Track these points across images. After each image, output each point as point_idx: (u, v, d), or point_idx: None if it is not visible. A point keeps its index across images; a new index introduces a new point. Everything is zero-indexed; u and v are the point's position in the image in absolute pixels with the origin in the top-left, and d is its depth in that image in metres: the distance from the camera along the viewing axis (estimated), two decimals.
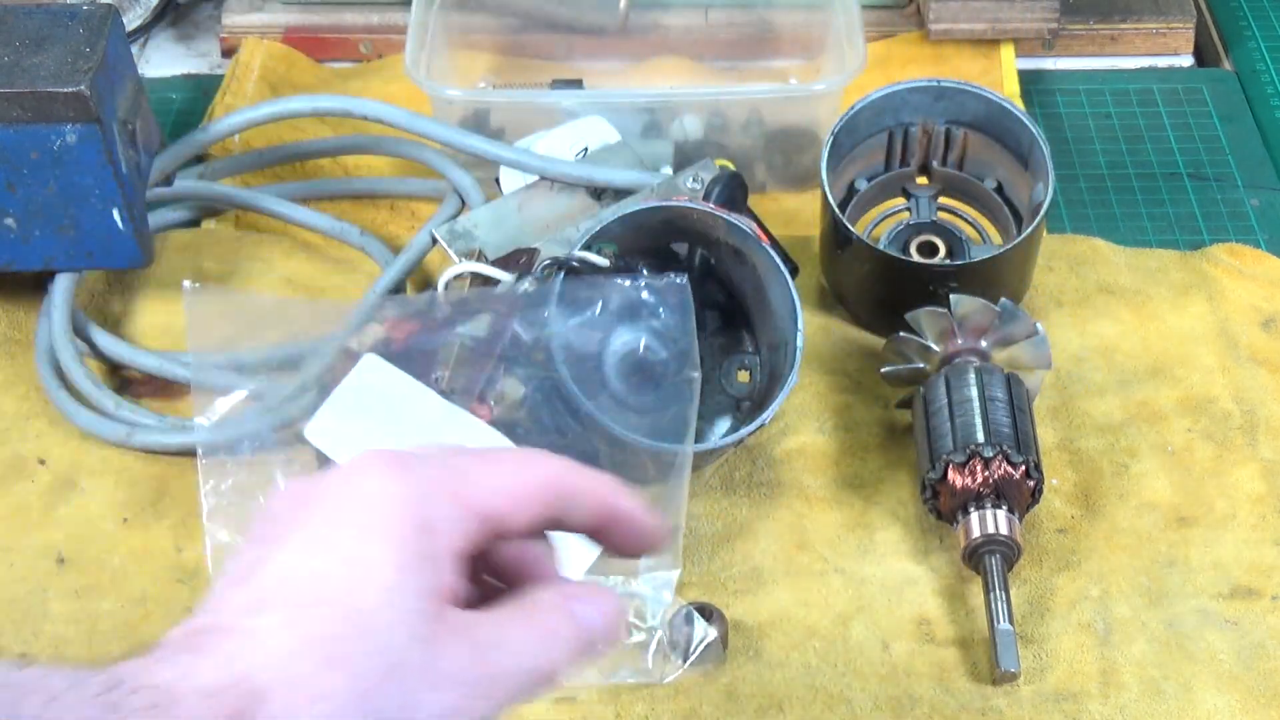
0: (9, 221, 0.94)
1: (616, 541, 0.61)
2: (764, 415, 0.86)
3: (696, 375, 0.84)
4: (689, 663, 0.80)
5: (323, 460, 0.82)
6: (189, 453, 0.91)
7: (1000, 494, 0.83)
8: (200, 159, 1.08)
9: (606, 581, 0.82)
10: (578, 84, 1.11)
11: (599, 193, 0.98)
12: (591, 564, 0.81)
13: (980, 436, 0.84)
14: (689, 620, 0.80)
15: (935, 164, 1.01)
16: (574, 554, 0.81)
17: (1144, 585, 0.85)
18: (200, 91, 1.21)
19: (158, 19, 1.27)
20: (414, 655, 0.52)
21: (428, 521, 0.55)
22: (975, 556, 0.83)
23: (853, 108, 0.98)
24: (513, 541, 0.58)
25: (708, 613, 0.81)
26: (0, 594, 0.85)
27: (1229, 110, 1.18)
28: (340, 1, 1.23)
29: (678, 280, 0.84)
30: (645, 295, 0.83)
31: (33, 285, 0.99)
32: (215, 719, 0.49)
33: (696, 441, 0.90)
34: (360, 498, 0.55)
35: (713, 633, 0.79)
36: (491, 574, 0.58)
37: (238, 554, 0.56)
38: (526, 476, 0.58)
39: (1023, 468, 0.84)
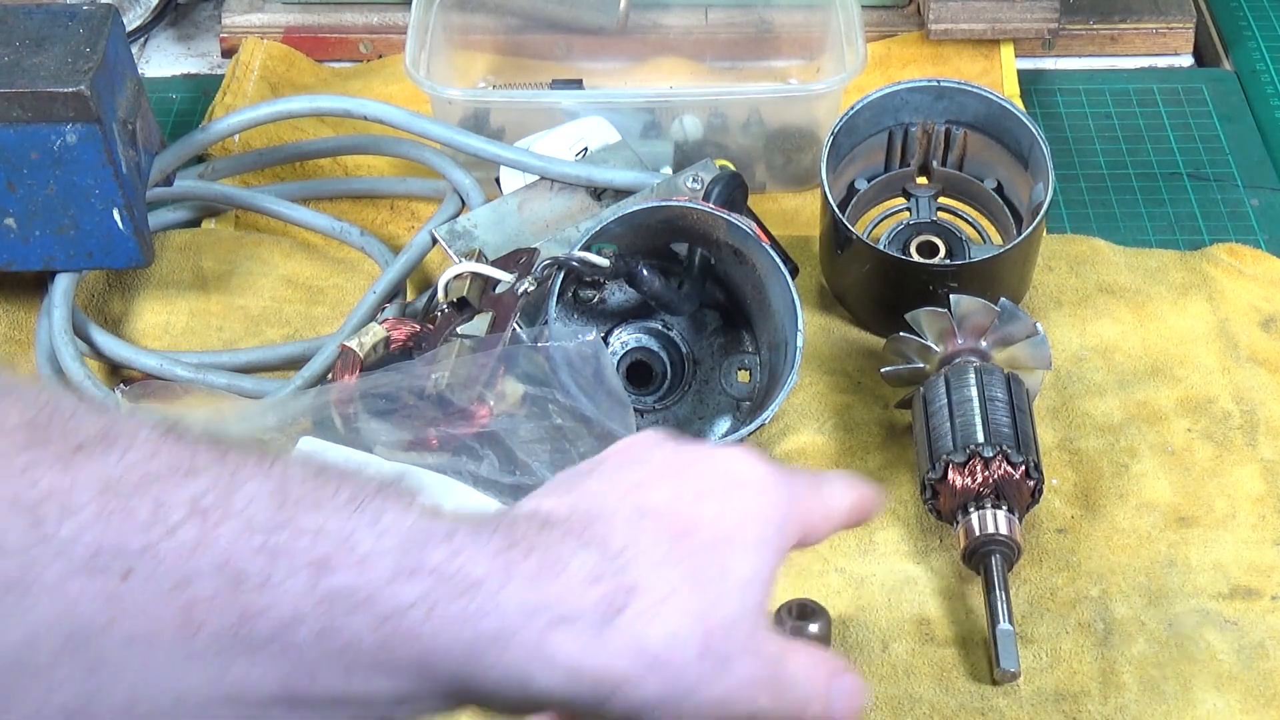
0: (9, 221, 0.94)
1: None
2: (764, 415, 0.86)
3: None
4: None
5: None
6: None
7: (1000, 494, 0.83)
8: (200, 159, 1.08)
9: None
10: (578, 84, 1.11)
11: (599, 193, 0.99)
12: None
13: (980, 436, 0.84)
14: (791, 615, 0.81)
15: (935, 164, 1.01)
16: None
17: (1144, 585, 0.85)
18: (200, 91, 1.21)
19: (158, 19, 1.27)
20: (747, 624, 0.57)
21: (784, 523, 0.60)
22: (975, 556, 0.83)
23: (853, 108, 0.98)
24: None
25: (810, 610, 0.81)
26: None
27: (1229, 110, 1.18)
28: (340, 1, 1.23)
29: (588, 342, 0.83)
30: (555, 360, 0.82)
31: (33, 285, 0.99)
32: (593, 597, 0.54)
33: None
34: (741, 477, 0.60)
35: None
36: None
37: (615, 462, 0.60)
38: (833, 515, 0.63)
39: (1023, 468, 0.84)
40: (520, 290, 0.86)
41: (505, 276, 0.88)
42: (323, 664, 0.50)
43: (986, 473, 0.83)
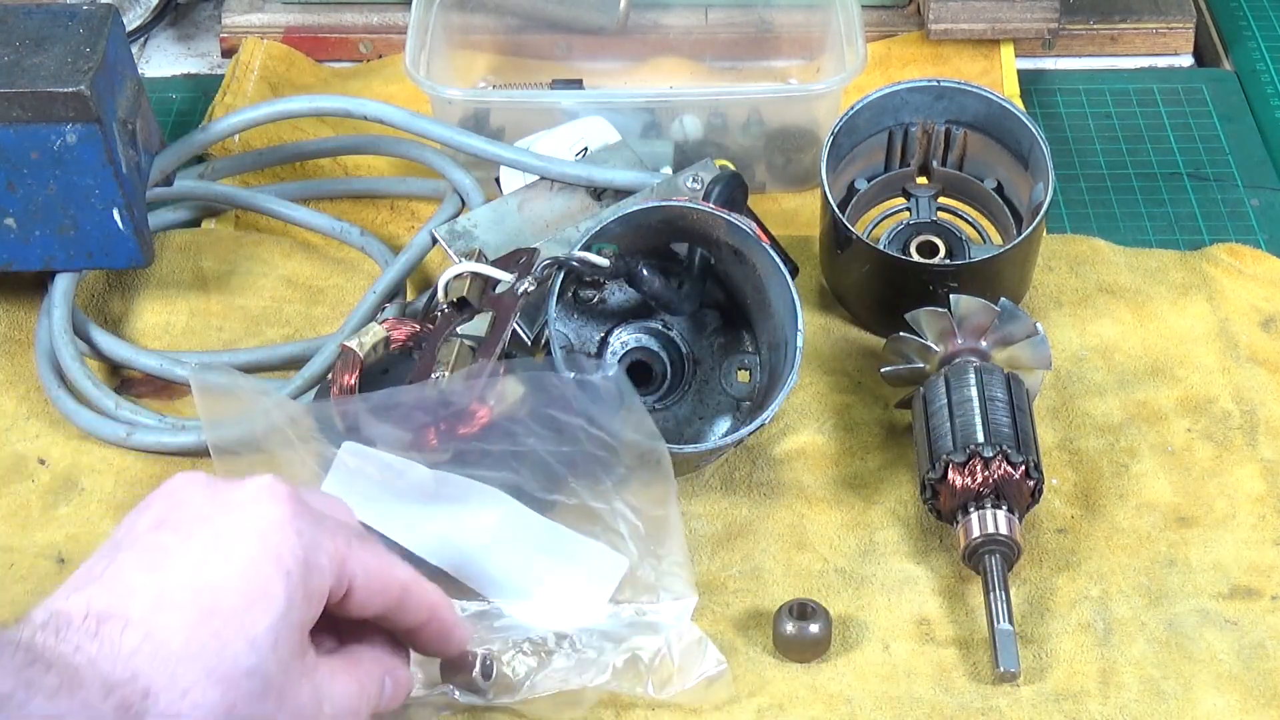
0: (9, 221, 0.94)
1: (423, 645, 0.72)
2: (764, 415, 0.86)
3: (663, 447, 0.82)
4: (694, 684, 0.79)
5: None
6: (189, 453, 0.91)
7: (1000, 494, 0.83)
8: (200, 159, 1.08)
9: (627, 608, 0.81)
10: (578, 84, 1.11)
11: (599, 193, 0.99)
12: (617, 584, 0.81)
13: (980, 436, 0.84)
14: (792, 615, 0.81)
15: (935, 164, 1.01)
16: (600, 575, 0.81)
17: (1144, 585, 0.85)
18: (200, 91, 1.21)
19: (158, 19, 1.27)
20: (277, 685, 0.62)
21: (313, 563, 0.64)
22: (975, 556, 0.83)
23: (853, 108, 0.98)
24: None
25: (810, 610, 0.81)
26: (0, 594, 0.85)
27: (1229, 110, 1.18)
28: (340, 1, 1.23)
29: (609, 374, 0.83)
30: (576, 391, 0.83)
31: (33, 285, 0.99)
32: (110, 706, 0.58)
33: (696, 441, 0.90)
34: (264, 519, 0.64)
35: (723, 664, 0.79)
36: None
37: (141, 526, 0.64)
38: (391, 574, 0.69)
39: (1023, 468, 0.84)
40: (520, 290, 0.86)
41: (505, 276, 0.88)
42: None
43: (986, 473, 0.83)
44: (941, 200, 1.01)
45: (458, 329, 0.86)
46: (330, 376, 0.85)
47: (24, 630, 0.59)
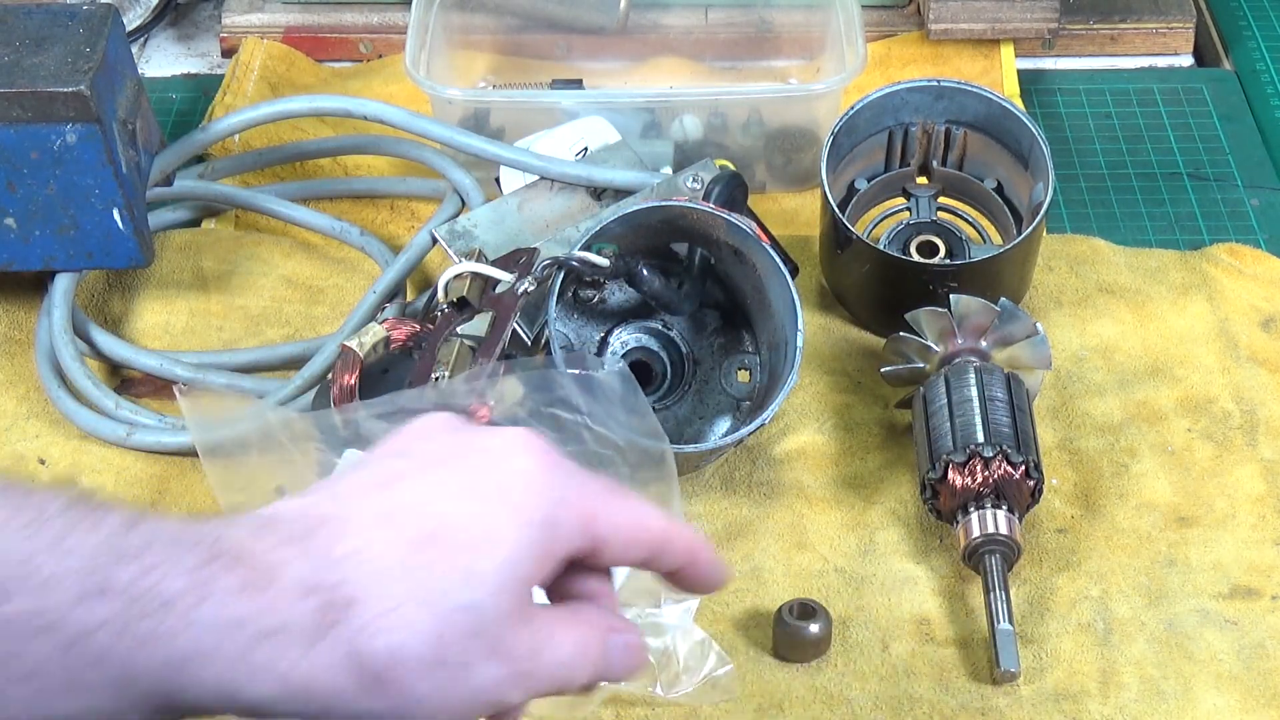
0: (9, 221, 0.94)
1: (685, 586, 0.65)
2: (764, 415, 0.86)
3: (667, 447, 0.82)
4: (698, 685, 0.79)
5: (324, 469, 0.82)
6: (189, 453, 0.91)
7: (1000, 494, 0.83)
8: (200, 159, 1.08)
9: (629, 610, 0.81)
10: (578, 84, 1.11)
11: (599, 193, 0.99)
12: (618, 586, 0.81)
13: (980, 436, 0.84)
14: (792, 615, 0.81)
15: (935, 164, 1.01)
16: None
17: (1144, 585, 0.85)
18: (200, 91, 1.21)
19: (158, 19, 1.27)
20: (493, 629, 0.55)
21: (556, 522, 0.58)
22: (975, 556, 0.83)
23: (853, 108, 0.98)
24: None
25: (810, 610, 0.81)
26: None
27: (1229, 110, 1.18)
28: (340, 1, 1.23)
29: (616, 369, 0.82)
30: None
31: (33, 285, 0.99)
32: (304, 609, 0.52)
33: (696, 441, 0.90)
34: (511, 469, 0.58)
35: (728, 665, 0.79)
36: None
37: (380, 451, 0.59)
38: (645, 527, 0.62)
39: (1023, 468, 0.84)
40: (520, 290, 0.86)
41: (505, 276, 0.88)
42: (10, 688, 0.50)
43: (986, 473, 0.83)
44: (941, 200, 1.01)
45: (458, 329, 0.86)
46: (330, 376, 0.85)
47: (208, 527, 0.54)
